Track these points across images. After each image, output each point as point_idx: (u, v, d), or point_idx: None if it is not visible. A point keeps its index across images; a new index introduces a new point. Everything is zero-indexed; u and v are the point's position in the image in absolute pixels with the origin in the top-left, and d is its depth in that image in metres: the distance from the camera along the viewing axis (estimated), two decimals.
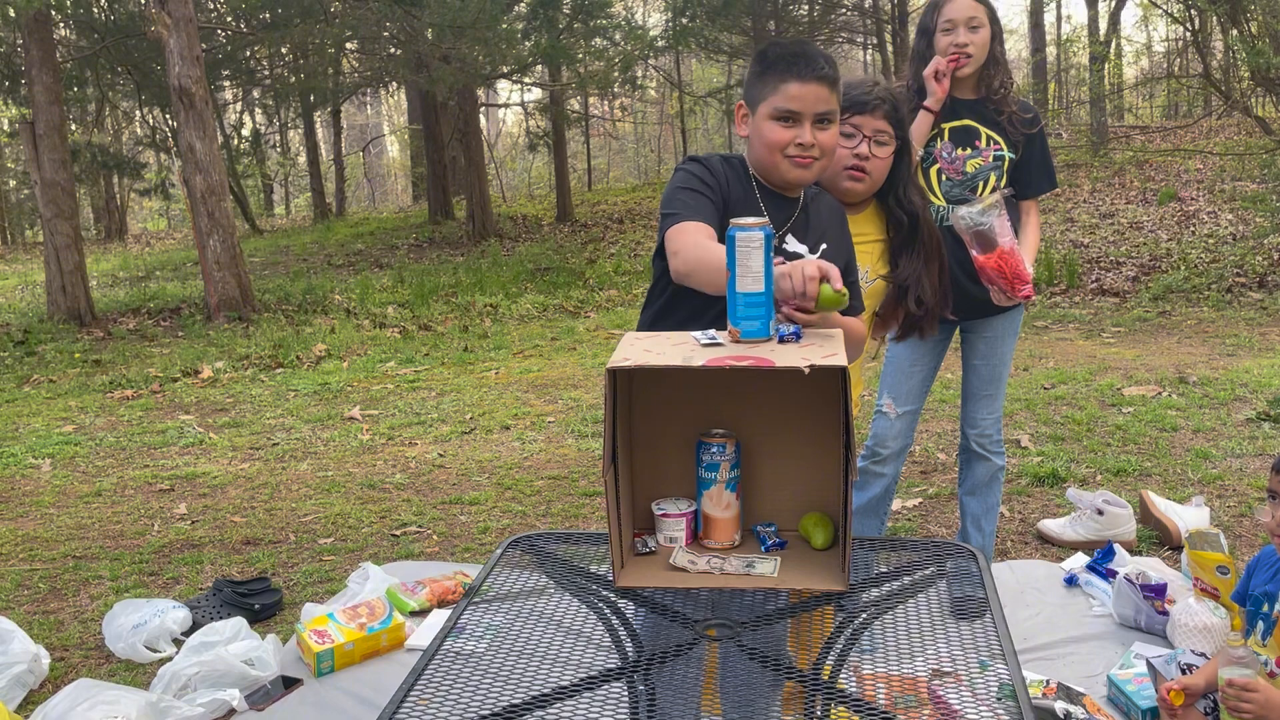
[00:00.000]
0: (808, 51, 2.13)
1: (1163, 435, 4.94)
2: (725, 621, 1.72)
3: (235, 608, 3.53)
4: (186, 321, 10.35)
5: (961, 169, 3.07)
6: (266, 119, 22.94)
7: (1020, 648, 3.00)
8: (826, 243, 2.24)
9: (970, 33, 3.00)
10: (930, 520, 4.13)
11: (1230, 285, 8.79)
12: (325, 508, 4.68)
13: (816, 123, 2.13)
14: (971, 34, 3.00)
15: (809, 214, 2.25)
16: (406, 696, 1.58)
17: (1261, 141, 10.84)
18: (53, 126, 10.38)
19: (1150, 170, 13.75)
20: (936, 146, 3.07)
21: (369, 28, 13.05)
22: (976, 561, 1.92)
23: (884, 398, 3.22)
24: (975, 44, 3.01)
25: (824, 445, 1.91)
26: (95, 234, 21.51)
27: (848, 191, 2.46)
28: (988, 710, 1.50)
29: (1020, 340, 7.68)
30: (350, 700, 2.98)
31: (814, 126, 2.12)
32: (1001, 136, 3.08)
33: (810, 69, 2.10)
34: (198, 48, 10.14)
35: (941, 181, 3.08)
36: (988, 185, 3.07)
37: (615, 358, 1.71)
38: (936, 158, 3.08)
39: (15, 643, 3.13)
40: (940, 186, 3.08)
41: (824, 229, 2.26)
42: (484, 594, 1.90)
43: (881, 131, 2.45)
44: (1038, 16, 21.91)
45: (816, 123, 2.13)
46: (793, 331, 1.80)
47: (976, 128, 3.08)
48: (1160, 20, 19.11)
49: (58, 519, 4.73)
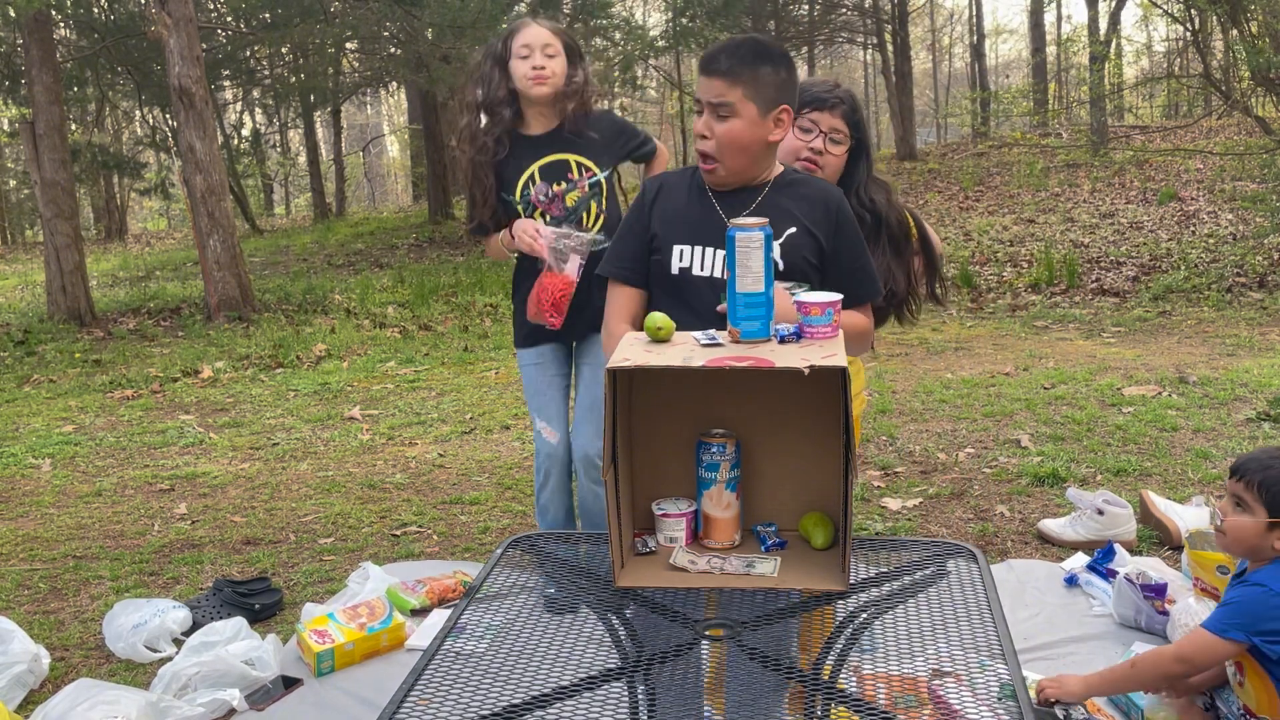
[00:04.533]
0: (719, 47, 2.19)
1: (1163, 435, 4.94)
2: (726, 621, 1.72)
3: (235, 608, 3.53)
4: (186, 321, 10.35)
5: (562, 204, 3.06)
6: (266, 119, 22.95)
7: (1020, 648, 3.00)
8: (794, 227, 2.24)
9: (547, 59, 2.99)
10: (930, 520, 4.13)
11: (1230, 285, 8.79)
12: (325, 508, 4.68)
13: (713, 113, 2.18)
14: (549, 60, 2.99)
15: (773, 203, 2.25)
16: (406, 696, 1.58)
17: (1261, 141, 10.83)
18: (53, 126, 10.38)
19: (1150, 170, 13.75)
20: (531, 191, 3.05)
21: (369, 28, 13.05)
22: (977, 561, 1.92)
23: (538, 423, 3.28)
24: (552, 69, 2.99)
25: (824, 445, 1.91)
26: (95, 234, 21.51)
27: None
28: (988, 710, 1.50)
29: (1020, 340, 7.72)
30: (350, 700, 2.98)
31: (711, 117, 2.18)
32: (590, 159, 3.06)
33: (706, 63, 2.18)
34: (198, 48, 10.14)
35: (548, 222, 3.06)
36: (590, 215, 3.08)
37: (615, 358, 1.71)
38: (534, 202, 3.06)
39: (15, 643, 3.13)
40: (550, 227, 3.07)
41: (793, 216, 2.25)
42: (484, 594, 1.90)
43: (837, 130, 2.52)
44: (1038, 16, 21.93)
45: (713, 113, 2.18)
46: (793, 331, 1.80)
47: (564, 159, 3.06)
48: (1160, 20, 19.12)
49: (58, 519, 4.73)
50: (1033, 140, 16.86)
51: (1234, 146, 13.01)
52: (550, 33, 3.04)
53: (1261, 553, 2.29)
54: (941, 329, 8.27)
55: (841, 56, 33.05)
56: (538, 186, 3.05)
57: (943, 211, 13.68)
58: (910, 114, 19.92)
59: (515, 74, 3.00)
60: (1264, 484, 2.30)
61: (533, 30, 3.03)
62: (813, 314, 1.80)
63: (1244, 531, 2.32)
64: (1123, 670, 2.45)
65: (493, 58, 3.05)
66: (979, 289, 9.76)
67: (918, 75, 27.45)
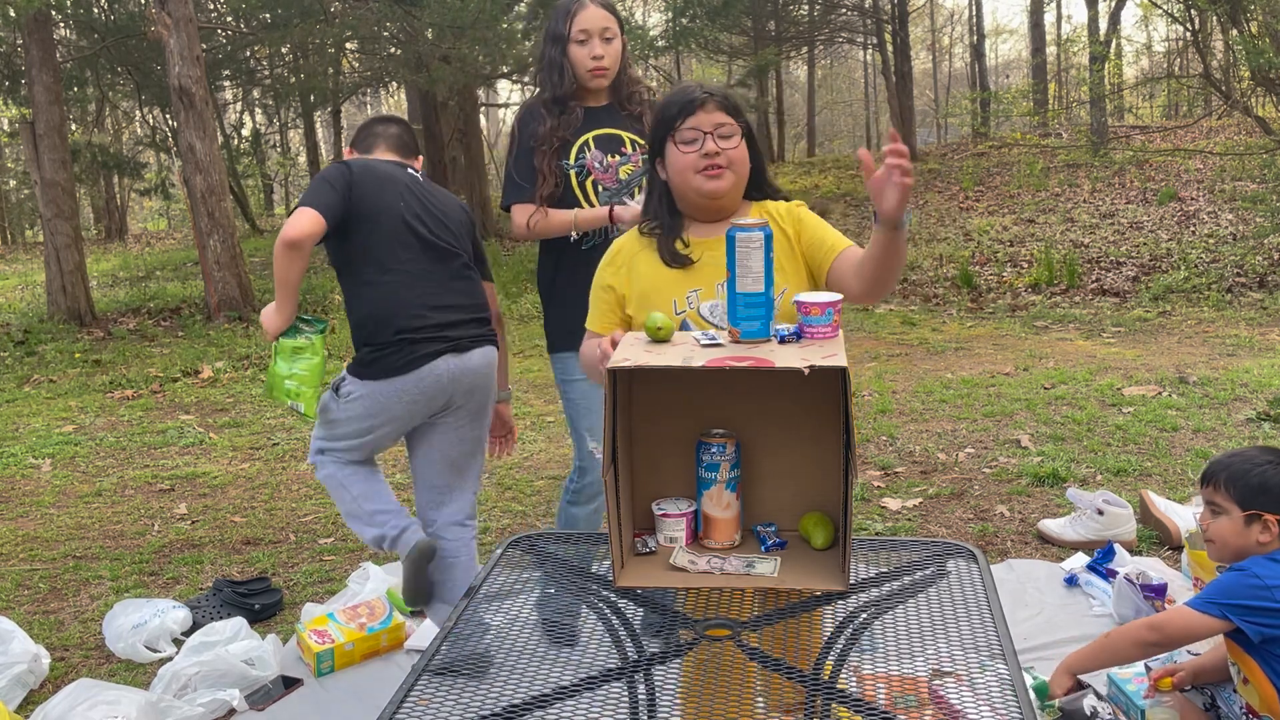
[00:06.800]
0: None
1: (1163, 435, 4.94)
2: (726, 621, 1.72)
3: (235, 608, 3.53)
4: (186, 321, 10.35)
5: (616, 176, 2.99)
6: (266, 119, 22.94)
7: (1020, 648, 3.00)
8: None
9: (605, 44, 2.94)
10: (930, 520, 4.13)
11: (1230, 285, 8.79)
12: (325, 508, 4.68)
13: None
14: (606, 45, 2.94)
15: None
16: (406, 696, 1.58)
17: (1261, 141, 10.83)
18: (53, 126, 10.38)
19: (1150, 170, 13.75)
20: (587, 156, 2.98)
21: (369, 28, 13.04)
22: (977, 561, 1.92)
23: (589, 442, 3.05)
24: (610, 55, 2.94)
25: (824, 445, 1.91)
26: (95, 234, 21.52)
27: (713, 192, 2.15)
28: (989, 710, 1.50)
29: (1020, 340, 7.73)
30: (350, 700, 2.98)
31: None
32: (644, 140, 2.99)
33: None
34: (198, 48, 10.14)
35: (599, 192, 2.98)
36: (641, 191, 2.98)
37: (615, 358, 1.71)
38: (589, 168, 2.98)
39: (15, 643, 3.13)
40: (599, 198, 2.98)
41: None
42: (484, 594, 1.90)
43: (722, 124, 2.16)
44: (1038, 16, 21.91)
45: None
46: (793, 331, 1.80)
47: (618, 134, 3.01)
48: (1160, 20, 19.13)
49: (58, 519, 4.73)
50: (1033, 140, 16.86)
51: (1234, 146, 13.01)
52: (606, 12, 2.96)
53: (1248, 551, 2.30)
54: (941, 329, 8.27)
55: (841, 56, 33.05)
56: (593, 153, 2.97)
57: (943, 211, 13.68)
58: (910, 114, 19.92)
59: (574, 60, 2.94)
60: (1229, 480, 2.31)
61: (590, 12, 2.93)
62: (813, 314, 1.79)
63: (1226, 534, 2.33)
64: (1099, 644, 2.44)
65: (557, 43, 2.96)
66: (979, 289, 9.77)
67: (918, 75, 27.44)
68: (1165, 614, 2.36)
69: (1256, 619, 2.19)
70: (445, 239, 2.97)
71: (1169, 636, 2.31)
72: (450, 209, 3.05)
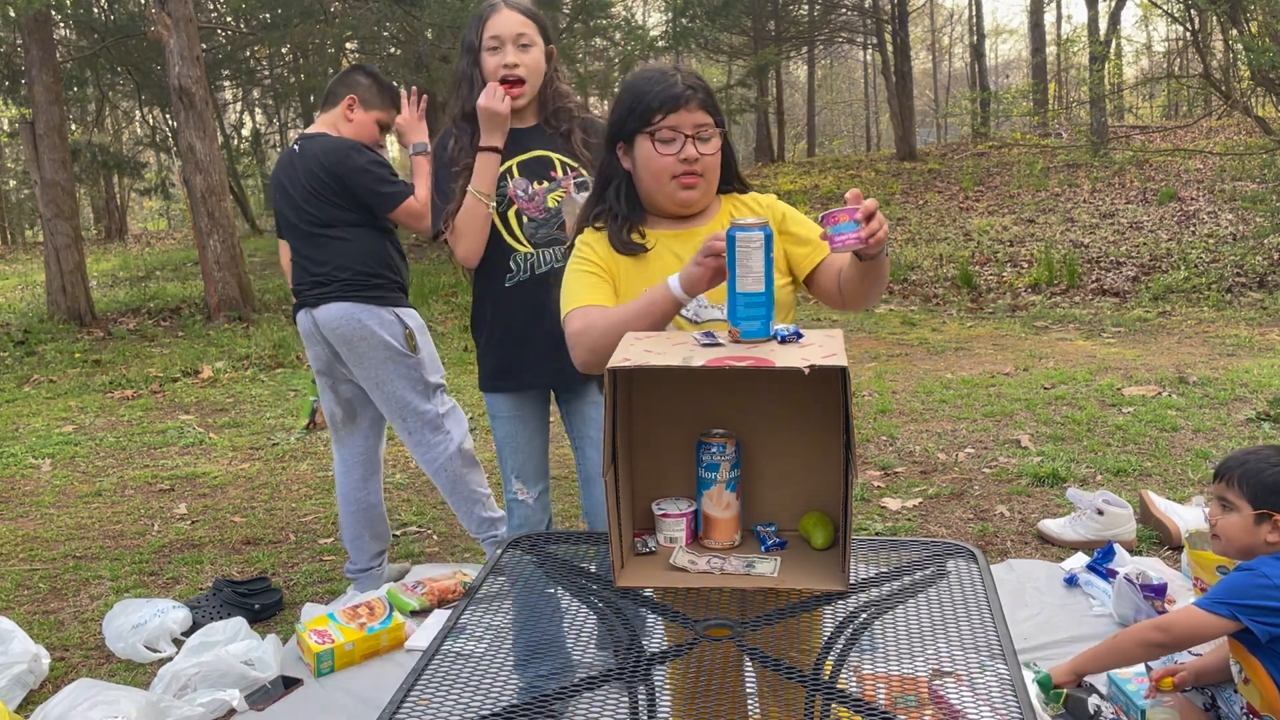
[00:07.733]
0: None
1: (1163, 435, 4.94)
2: (726, 621, 1.72)
3: (235, 608, 3.53)
4: (186, 321, 10.35)
5: (543, 204, 2.71)
6: (266, 119, 22.95)
7: (1020, 648, 3.00)
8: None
9: (520, 52, 2.62)
10: (930, 520, 4.13)
11: (1230, 285, 8.79)
12: (325, 508, 4.68)
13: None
14: (521, 53, 2.63)
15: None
16: (406, 696, 1.58)
17: (1261, 141, 10.84)
18: (53, 126, 10.39)
19: (1150, 170, 13.76)
20: (509, 186, 2.68)
21: (369, 28, 13.04)
22: (977, 561, 1.92)
23: (514, 484, 2.87)
24: (526, 65, 2.63)
25: (824, 445, 1.91)
26: (95, 234, 21.52)
27: (686, 202, 2.05)
28: (988, 710, 1.50)
29: (1020, 340, 7.73)
30: (350, 700, 2.98)
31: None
32: (576, 161, 2.72)
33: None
34: (198, 48, 10.15)
35: (524, 224, 2.68)
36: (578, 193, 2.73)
37: (615, 358, 1.71)
38: (511, 198, 2.68)
39: (15, 643, 3.13)
40: (524, 230, 2.68)
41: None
42: (484, 594, 1.90)
43: (703, 126, 2.02)
44: (1038, 16, 21.93)
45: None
46: (793, 331, 1.80)
47: (546, 156, 2.71)
48: (1160, 20, 19.13)
49: (58, 519, 4.73)
50: (1033, 140, 16.87)
51: (1234, 146, 13.01)
52: (523, 17, 2.64)
53: (1255, 550, 2.30)
54: (941, 329, 8.27)
55: (841, 56, 33.07)
56: (515, 181, 2.69)
57: (943, 211, 13.69)
58: (910, 114, 19.93)
59: (486, 71, 2.63)
60: (1243, 478, 2.31)
61: (502, 16, 2.63)
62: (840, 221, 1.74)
63: (1234, 530, 2.32)
64: (1106, 645, 2.44)
65: (469, 53, 2.66)
66: (979, 289, 9.77)
67: (918, 75, 27.46)
68: (1172, 614, 2.35)
69: (1265, 619, 2.19)
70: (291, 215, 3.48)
71: (1177, 637, 2.31)
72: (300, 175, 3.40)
